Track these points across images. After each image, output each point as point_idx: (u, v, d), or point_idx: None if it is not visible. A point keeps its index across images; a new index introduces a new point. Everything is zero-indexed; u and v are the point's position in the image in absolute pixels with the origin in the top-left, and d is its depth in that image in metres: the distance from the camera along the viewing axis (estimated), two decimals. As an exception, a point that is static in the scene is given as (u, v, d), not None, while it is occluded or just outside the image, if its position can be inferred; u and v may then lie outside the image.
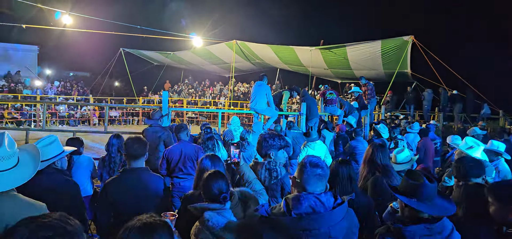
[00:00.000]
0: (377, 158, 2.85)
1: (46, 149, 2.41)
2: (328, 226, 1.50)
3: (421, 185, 1.67)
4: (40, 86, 19.10)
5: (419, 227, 1.59)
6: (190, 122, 19.18)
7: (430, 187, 1.67)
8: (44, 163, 2.39)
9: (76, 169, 3.80)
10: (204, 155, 2.53)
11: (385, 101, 13.69)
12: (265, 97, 7.19)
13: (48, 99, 17.14)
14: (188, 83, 24.51)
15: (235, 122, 6.70)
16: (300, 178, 1.66)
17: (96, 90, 20.63)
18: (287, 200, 1.61)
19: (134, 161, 2.48)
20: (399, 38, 11.53)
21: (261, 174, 2.68)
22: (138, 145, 2.50)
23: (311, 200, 1.56)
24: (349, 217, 1.61)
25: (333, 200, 1.59)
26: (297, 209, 1.54)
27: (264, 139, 2.67)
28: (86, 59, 24.99)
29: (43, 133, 5.86)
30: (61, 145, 2.59)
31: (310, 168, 1.64)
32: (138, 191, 2.41)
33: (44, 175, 2.40)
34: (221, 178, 1.98)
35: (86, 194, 3.73)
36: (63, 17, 11.05)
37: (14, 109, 15.47)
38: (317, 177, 1.63)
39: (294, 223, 1.50)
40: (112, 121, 18.13)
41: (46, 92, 18.47)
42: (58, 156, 2.48)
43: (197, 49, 17.86)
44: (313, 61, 15.48)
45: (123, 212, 2.33)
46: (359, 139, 5.71)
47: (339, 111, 8.63)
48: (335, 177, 2.43)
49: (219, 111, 7.83)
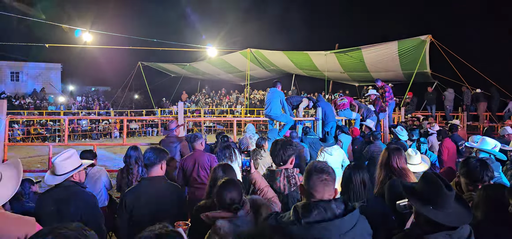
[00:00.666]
0: (393, 161, 2.76)
1: (64, 163, 2.51)
2: (338, 234, 1.47)
3: (438, 192, 1.59)
4: (63, 102, 19.89)
5: (441, 234, 1.52)
6: (208, 131, 19.40)
7: (448, 195, 1.59)
8: (62, 177, 2.49)
9: (89, 180, 3.91)
10: (217, 164, 2.55)
11: (405, 103, 13.34)
12: (279, 104, 7.16)
13: (71, 114, 17.83)
14: (205, 93, 24.86)
15: (250, 129, 6.69)
16: (307, 185, 1.64)
17: (117, 103, 21.30)
18: (296, 208, 1.58)
19: (150, 168, 2.55)
20: (416, 38, 11.26)
21: (279, 182, 2.66)
22: (152, 153, 2.56)
23: (321, 207, 1.53)
24: (361, 225, 1.57)
25: (343, 207, 1.56)
26: (306, 217, 1.51)
27: (281, 146, 2.68)
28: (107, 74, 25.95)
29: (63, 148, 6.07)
30: (79, 158, 2.68)
31: (315, 174, 1.63)
32: (154, 200, 2.45)
33: (62, 188, 2.50)
34: (234, 187, 1.98)
35: (101, 205, 3.82)
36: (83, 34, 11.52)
37: (39, 126, 16.16)
38: (324, 182, 1.61)
39: (303, 231, 1.47)
40: (132, 133, 18.59)
41: (70, 107, 19.23)
42: (76, 169, 2.57)
43: (213, 59, 18.12)
44: (328, 66, 15.35)
45: (141, 221, 2.36)
46: (377, 142, 5.58)
47: (354, 115, 8.48)
48: (348, 183, 2.38)
49: (235, 119, 7.84)
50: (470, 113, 12.91)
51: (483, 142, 3.16)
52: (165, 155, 2.64)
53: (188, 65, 19.90)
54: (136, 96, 25.54)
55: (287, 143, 2.72)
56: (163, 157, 2.60)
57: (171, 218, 2.37)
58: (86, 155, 3.95)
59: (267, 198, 2.41)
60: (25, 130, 15.81)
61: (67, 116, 12.24)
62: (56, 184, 2.51)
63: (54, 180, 2.50)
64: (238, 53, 16.77)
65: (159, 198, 2.46)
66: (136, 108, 22.42)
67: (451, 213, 1.57)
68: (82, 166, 2.65)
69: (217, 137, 6.39)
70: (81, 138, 16.71)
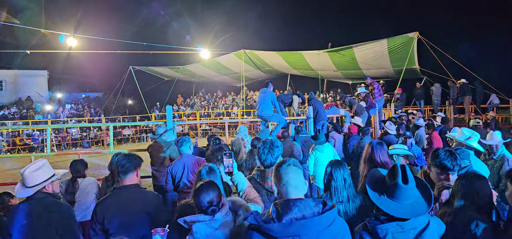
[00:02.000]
0: (376, 156, 2.80)
1: (34, 174, 2.40)
2: (316, 231, 1.48)
3: (393, 184, 1.66)
4: (51, 111, 19.45)
5: (392, 224, 1.60)
6: (204, 134, 19.37)
7: (402, 188, 1.64)
8: (33, 189, 2.39)
9: (81, 192, 3.80)
10: (202, 166, 2.53)
11: (395, 99, 13.55)
12: (271, 104, 7.17)
13: (61, 122, 17.52)
14: (200, 96, 24.81)
15: (242, 131, 6.69)
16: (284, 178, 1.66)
17: (109, 110, 21.08)
18: (276, 205, 1.60)
19: (124, 177, 2.43)
20: (404, 35, 11.46)
21: (271, 181, 2.65)
22: (125, 160, 2.42)
23: (300, 205, 1.55)
24: (338, 223, 1.59)
25: (321, 206, 1.57)
26: (286, 215, 1.52)
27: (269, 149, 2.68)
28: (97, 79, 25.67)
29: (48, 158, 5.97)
30: (51, 168, 2.56)
31: (280, 168, 1.66)
32: (127, 209, 2.36)
33: (34, 200, 2.39)
34: (212, 189, 1.96)
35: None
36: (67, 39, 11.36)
37: (26, 136, 15.78)
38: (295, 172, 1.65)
39: (282, 229, 1.48)
40: (126, 140, 18.40)
41: (58, 116, 18.81)
42: (48, 180, 2.46)
43: (206, 62, 18.09)
44: (322, 65, 15.43)
45: (114, 232, 2.31)
46: (366, 138, 5.61)
47: (342, 111, 8.55)
48: (330, 179, 2.41)
49: (226, 121, 7.84)
50: (456, 106, 13.16)
51: (461, 134, 3.21)
52: (140, 161, 2.52)
53: (181, 68, 19.84)
54: (130, 101, 25.31)
55: (274, 145, 2.72)
56: (137, 163, 2.48)
57: (145, 227, 2.31)
58: (76, 166, 3.87)
59: (249, 199, 2.40)
60: (10, 141, 15.42)
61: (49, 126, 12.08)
62: (28, 196, 2.41)
63: (24, 192, 2.40)
64: (232, 54, 16.77)
65: (131, 208, 2.36)
66: (130, 114, 22.21)
67: (406, 205, 1.64)
68: (56, 177, 2.54)
69: (209, 140, 6.38)
70: (71, 147, 16.39)
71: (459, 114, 13.11)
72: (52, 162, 9.56)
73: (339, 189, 2.37)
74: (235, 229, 1.90)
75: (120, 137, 18.21)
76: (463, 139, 3.09)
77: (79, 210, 3.73)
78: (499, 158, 3.67)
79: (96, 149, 16.47)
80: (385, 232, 1.58)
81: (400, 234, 1.58)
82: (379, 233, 1.59)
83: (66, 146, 16.33)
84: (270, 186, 2.61)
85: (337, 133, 6.88)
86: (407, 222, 1.59)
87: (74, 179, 3.85)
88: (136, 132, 19.34)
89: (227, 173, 2.46)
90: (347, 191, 2.38)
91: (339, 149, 6.49)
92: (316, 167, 5.43)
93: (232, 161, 2.45)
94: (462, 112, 13.24)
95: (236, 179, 2.46)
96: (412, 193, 1.67)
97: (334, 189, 2.38)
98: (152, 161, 4.98)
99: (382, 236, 1.61)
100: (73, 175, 3.88)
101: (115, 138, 17.81)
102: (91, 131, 17.83)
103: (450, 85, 13.36)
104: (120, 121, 19.46)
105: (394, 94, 13.71)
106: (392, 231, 1.58)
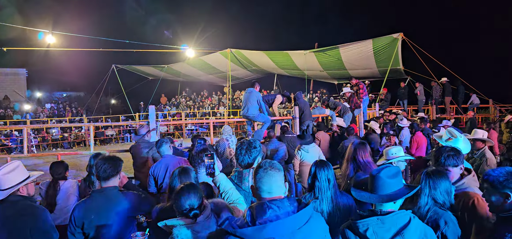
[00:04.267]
0: (358, 155, 2.80)
1: (7, 176, 2.33)
2: (291, 231, 1.46)
3: (372, 178, 1.72)
4: (30, 110, 18.89)
5: (372, 219, 1.62)
6: (190, 134, 19.15)
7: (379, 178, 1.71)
8: (6, 191, 2.32)
9: (62, 195, 3.71)
10: (176, 168, 2.47)
11: (380, 99, 13.76)
12: (256, 104, 7.13)
13: (41, 123, 17.00)
14: (185, 95, 24.51)
15: (226, 131, 6.61)
16: (255, 184, 1.63)
17: (92, 109, 20.57)
18: (251, 209, 1.57)
19: (105, 181, 2.38)
20: (389, 36, 11.63)
21: (248, 182, 2.62)
22: (108, 164, 2.37)
23: (275, 206, 1.51)
24: (314, 221, 1.56)
25: (296, 204, 1.55)
26: (261, 217, 1.49)
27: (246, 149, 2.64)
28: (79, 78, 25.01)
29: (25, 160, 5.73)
30: (26, 170, 2.51)
31: (261, 171, 1.63)
32: (107, 212, 2.32)
33: (8, 203, 2.32)
34: (193, 192, 1.92)
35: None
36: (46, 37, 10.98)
37: (3, 137, 15.28)
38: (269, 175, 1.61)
39: (256, 232, 1.45)
40: (109, 140, 18.03)
41: (38, 115, 18.28)
42: (22, 182, 2.40)
43: (192, 61, 17.88)
44: (308, 65, 15.50)
45: (94, 236, 2.27)
46: (351, 138, 5.64)
47: (328, 112, 8.59)
48: (314, 179, 2.39)
49: (211, 121, 7.75)
50: (438, 106, 13.53)
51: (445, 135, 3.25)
52: (121, 164, 2.47)
53: (166, 67, 19.56)
54: (113, 101, 24.77)
55: (251, 146, 2.69)
56: (119, 168, 2.43)
57: (126, 230, 2.28)
58: (57, 168, 3.78)
59: (232, 200, 2.35)
60: (-13, 142, 14.90)
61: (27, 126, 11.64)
62: (1, 199, 2.33)
63: None
64: (218, 53, 16.62)
65: (111, 211, 2.32)
66: (113, 114, 21.71)
67: (382, 195, 1.70)
68: (30, 179, 2.47)
69: (193, 140, 6.27)
70: (51, 148, 15.95)
71: (441, 114, 13.46)
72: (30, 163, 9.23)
73: (323, 189, 2.35)
74: (214, 233, 1.85)
75: (103, 137, 17.84)
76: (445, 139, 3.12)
77: (60, 213, 3.65)
78: (479, 157, 3.72)
79: (77, 149, 16.04)
80: (366, 226, 1.61)
81: (381, 229, 1.60)
82: (360, 227, 1.62)
83: (46, 147, 15.86)
84: (247, 187, 2.58)
85: (323, 132, 6.92)
86: (387, 218, 1.62)
87: (55, 181, 3.76)
88: (119, 132, 18.95)
89: (209, 174, 2.40)
90: (331, 191, 2.36)
91: (325, 149, 6.52)
92: (301, 167, 5.44)
93: (213, 161, 2.39)
94: (444, 112, 13.60)
95: (218, 180, 2.41)
96: (390, 183, 1.72)
97: (318, 189, 2.36)
98: (134, 162, 4.88)
99: (362, 231, 1.63)
100: (54, 177, 3.78)
101: (98, 138, 17.41)
102: (73, 132, 17.39)
103: (433, 85, 13.68)
104: (103, 120, 19.01)
105: (379, 94, 13.93)
106: (373, 225, 1.60)
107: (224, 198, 2.36)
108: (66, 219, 3.59)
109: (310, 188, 2.47)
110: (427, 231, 1.72)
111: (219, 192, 2.45)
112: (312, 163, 2.54)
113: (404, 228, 1.61)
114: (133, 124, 19.02)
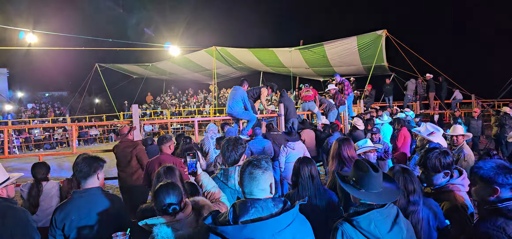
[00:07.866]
0: (343, 151, 2.83)
1: None
2: (272, 233, 1.44)
3: (367, 175, 1.70)
4: (11, 111, 18.37)
5: (373, 213, 1.64)
6: (175, 133, 18.94)
7: (375, 176, 1.70)
8: None
9: (45, 197, 3.66)
10: (160, 167, 2.43)
11: (365, 95, 13.94)
12: (241, 102, 7.09)
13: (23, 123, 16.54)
14: (170, 93, 24.22)
15: (211, 129, 6.58)
16: (241, 183, 1.61)
17: (75, 109, 20.11)
18: (234, 206, 1.54)
19: (84, 181, 2.34)
20: (373, 33, 11.76)
21: (233, 179, 2.60)
22: (84, 163, 2.33)
23: (258, 206, 1.50)
24: (298, 223, 1.55)
25: (281, 206, 1.53)
26: (243, 216, 1.47)
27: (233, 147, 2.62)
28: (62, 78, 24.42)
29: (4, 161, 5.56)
30: (5, 172, 2.46)
31: (245, 170, 1.61)
32: (88, 213, 2.27)
33: None
34: (172, 190, 1.90)
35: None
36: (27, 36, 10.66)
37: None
38: (252, 176, 1.59)
39: (237, 231, 1.44)
40: (93, 140, 17.68)
41: (20, 116, 17.81)
42: (2, 184, 2.35)
43: (177, 59, 17.68)
44: (294, 62, 15.55)
45: (75, 238, 2.23)
46: (335, 134, 5.70)
47: (316, 109, 8.64)
48: (297, 176, 2.40)
49: (196, 119, 7.68)
50: (422, 102, 13.76)
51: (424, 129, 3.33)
52: (100, 163, 2.42)
53: (151, 66, 19.27)
54: (97, 100, 24.27)
55: (237, 142, 2.68)
56: (98, 167, 2.37)
57: (107, 231, 2.20)
58: (38, 169, 3.72)
59: (215, 198, 2.34)
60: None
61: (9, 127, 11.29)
62: None
63: None
64: (203, 51, 16.49)
65: (92, 212, 2.27)
66: (97, 114, 21.28)
67: (381, 193, 1.71)
68: (10, 180, 2.41)
69: (178, 139, 6.20)
70: (34, 149, 15.55)
71: (425, 110, 13.76)
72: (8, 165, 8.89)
73: (306, 186, 2.35)
74: (197, 229, 1.83)
75: (87, 137, 17.46)
76: (425, 134, 3.19)
77: (42, 214, 3.63)
78: (457, 152, 3.81)
79: (60, 150, 15.65)
80: (369, 220, 1.62)
81: (380, 221, 1.63)
82: (365, 223, 1.62)
83: (29, 148, 15.44)
84: (233, 184, 2.57)
85: (308, 130, 6.96)
86: (383, 210, 1.65)
87: (37, 183, 3.71)
88: (103, 131, 18.58)
89: (191, 173, 2.38)
90: (314, 188, 2.37)
91: (310, 146, 6.56)
92: (287, 164, 5.47)
93: (196, 160, 2.37)
94: (427, 107, 13.91)
95: (201, 179, 2.39)
96: (382, 181, 1.75)
97: (301, 186, 2.36)
98: (118, 162, 4.81)
99: (366, 225, 1.63)
100: (36, 178, 3.74)
101: (82, 138, 17.02)
102: (56, 132, 16.96)
103: (419, 82, 13.99)
104: (86, 120, 18.60)
105: (363, 91, 14.12)
106: (375, 219, 1.62)
107: (207, 197, 2.35)
108: (48, 220, 3.55)
109: (294, 185, 2.48)
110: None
111: (203, 191, 2.44)
112: (296, 160, 2.55)
113: (396, 218, 1.68)
114: (117, 123, 18.73)
